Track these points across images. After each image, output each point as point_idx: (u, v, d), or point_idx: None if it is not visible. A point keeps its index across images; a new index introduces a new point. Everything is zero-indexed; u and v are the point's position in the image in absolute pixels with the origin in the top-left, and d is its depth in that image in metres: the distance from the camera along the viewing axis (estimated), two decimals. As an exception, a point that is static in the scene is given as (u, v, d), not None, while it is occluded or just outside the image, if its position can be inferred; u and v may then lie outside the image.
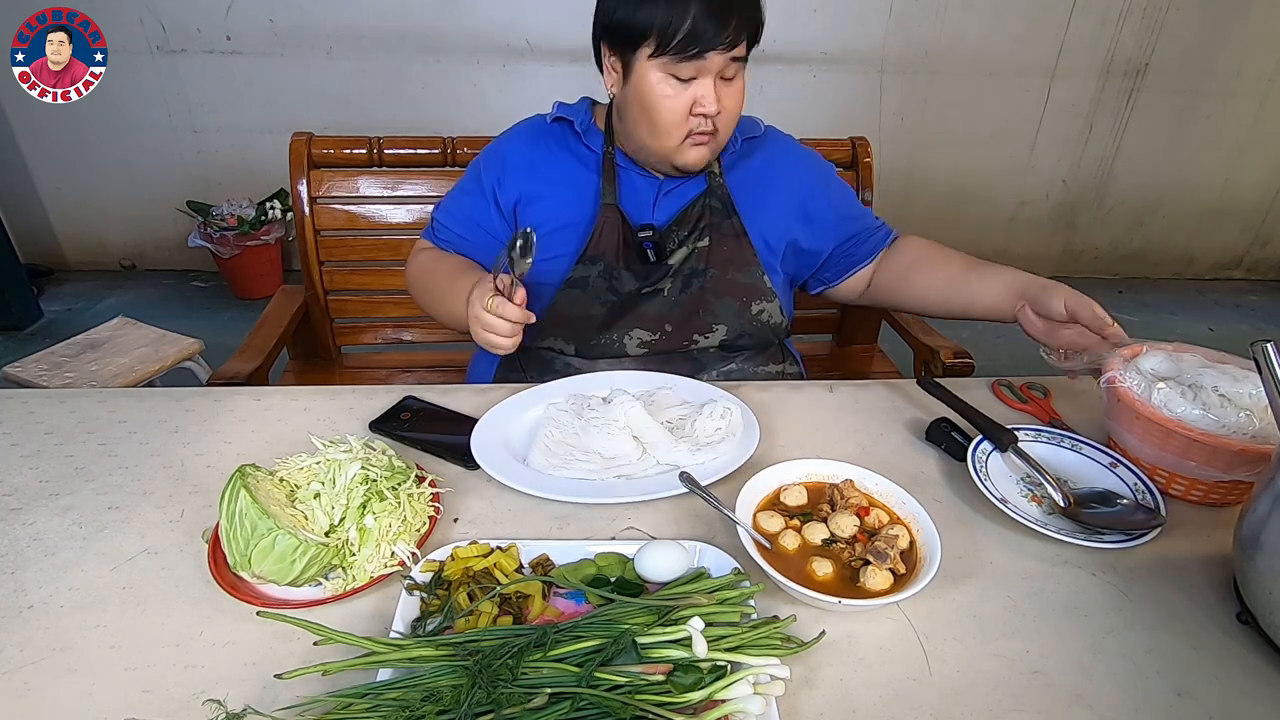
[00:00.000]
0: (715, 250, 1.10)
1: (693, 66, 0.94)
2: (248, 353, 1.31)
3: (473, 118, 3.06)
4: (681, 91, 0.96)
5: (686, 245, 1.09)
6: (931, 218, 3.43)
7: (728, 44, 0.92)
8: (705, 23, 0.90)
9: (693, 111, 0.97)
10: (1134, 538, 0.75)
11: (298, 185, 1.47)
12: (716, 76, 0.96)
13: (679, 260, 1.09)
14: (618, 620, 0.60)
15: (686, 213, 1.09)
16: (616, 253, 1.08)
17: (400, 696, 0.55)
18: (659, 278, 1.09)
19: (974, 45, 3.10)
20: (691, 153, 1.02)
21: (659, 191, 1.11)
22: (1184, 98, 3.27)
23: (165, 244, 3.27)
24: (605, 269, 1.08)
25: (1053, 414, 1.00)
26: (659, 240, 1.07)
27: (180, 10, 2.81)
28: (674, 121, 0.98)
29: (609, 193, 1.08)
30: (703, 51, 0.92)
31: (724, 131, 1.02)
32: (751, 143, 1.16)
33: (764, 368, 1.18)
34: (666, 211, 1.10)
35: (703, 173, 1.09)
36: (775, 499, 0.79)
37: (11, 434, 0.90)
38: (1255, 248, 3.72)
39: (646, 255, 1.07)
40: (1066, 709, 0.60)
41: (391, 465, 0.76)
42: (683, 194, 1.11)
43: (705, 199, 1.10)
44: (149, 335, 2.09)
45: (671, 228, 1.09)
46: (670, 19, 0.91)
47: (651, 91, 0.97)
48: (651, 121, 1.00)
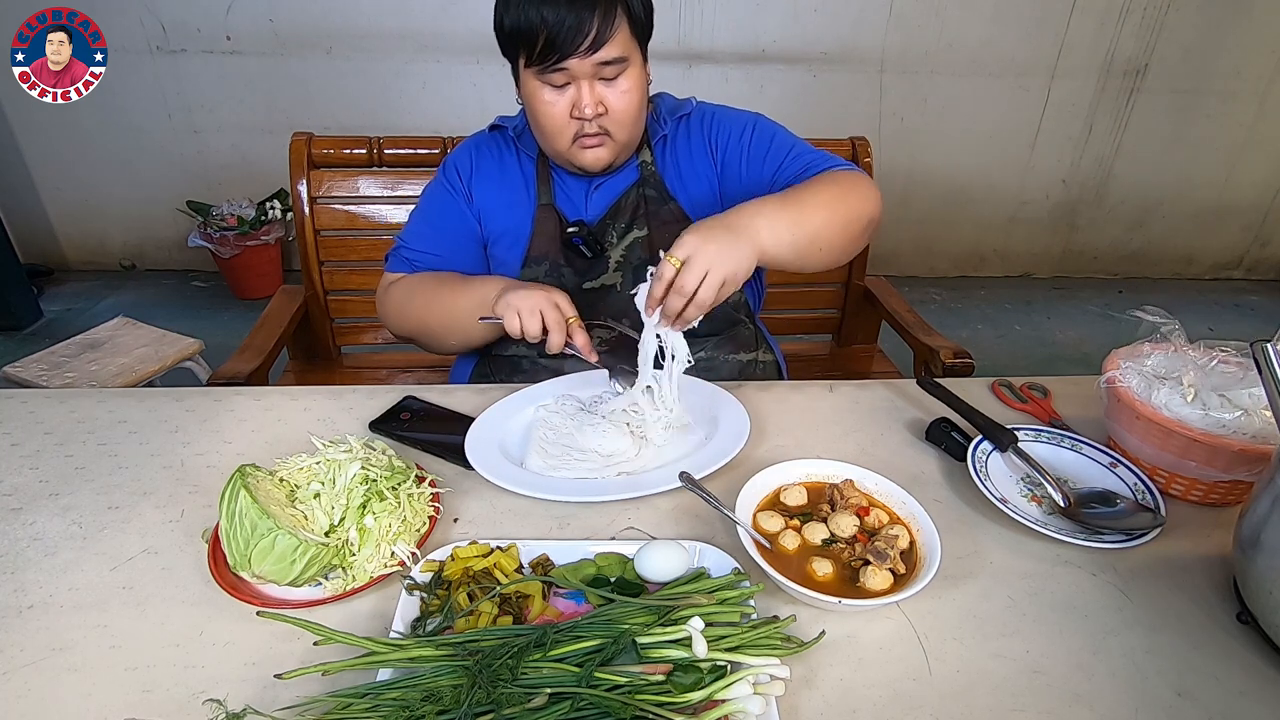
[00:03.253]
0: (657, 238, 1.09)
1: (561, 75, 0.94)
2: (248, 353, 1.31)
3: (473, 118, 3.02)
4: (558, 98, 0.97)
5: (624, 238, 1.09)
6: (931, 218, 3.43)
7: (588, 49, 0.92)
8: (560, 32, 0.90)
9: (571, 115, 0.98)
10: (1134, 538, 0.75)
11: (298, 185, 1.47)
12: (592, 79, 0.95)
13: (621, 253, 1.09)
14: (618, 620, 0.60)
15: (620, 204, 1.10)
16: (557, 251, 1.09)
17: (400, 696, 0.55)
18: (599, 272, 1.10)
19: (974, 45, 3.10)
20: (585, 155, 1.02)
21: (590, 187, 1.11)
22: (1184, 98, 3.27)
23: (165, 244, 3.28)
24: (550, 268, 1.09)
25: (1053, 414, 1.00)
26: (590, 235, 1.07)
27: (180, 10, 2.81)
28: (556, 127, 0.99)
29: (544, 193, 1.10)
30: (562, 59, 0.92)
31: (620, 130, 1.01)
32: (681, 122, 1.13)
33: (735, 355, 1.18)
34: (599, 205, 1.11)
35: (609, 170, 1.08)
36: (775, 499, 0.79)
37: (11, 434, 0.90)
38: (1255, 248, 3.72)
39: (581, 251, 1.08)
40: (1066, 709, 0.60)
41: (391, 465, 0.76)
42: (613, 187, 1.11)
43: (639, 189, 1.10)
44: (149, 335, 2.09)
45: (605, 221, 1.10)
46: (527, 31, 0.91)
47: (532, 99, 0.98)
48: (539, 127, 1.01)
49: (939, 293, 3.46)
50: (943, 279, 3.60)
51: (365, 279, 1.57)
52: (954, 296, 3.44)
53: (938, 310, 3.32)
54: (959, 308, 3.36)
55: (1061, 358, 2.99)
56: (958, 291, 3.48)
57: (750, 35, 3.02)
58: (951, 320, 3.23)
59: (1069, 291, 3.56)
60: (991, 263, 3.64)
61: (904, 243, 3.46)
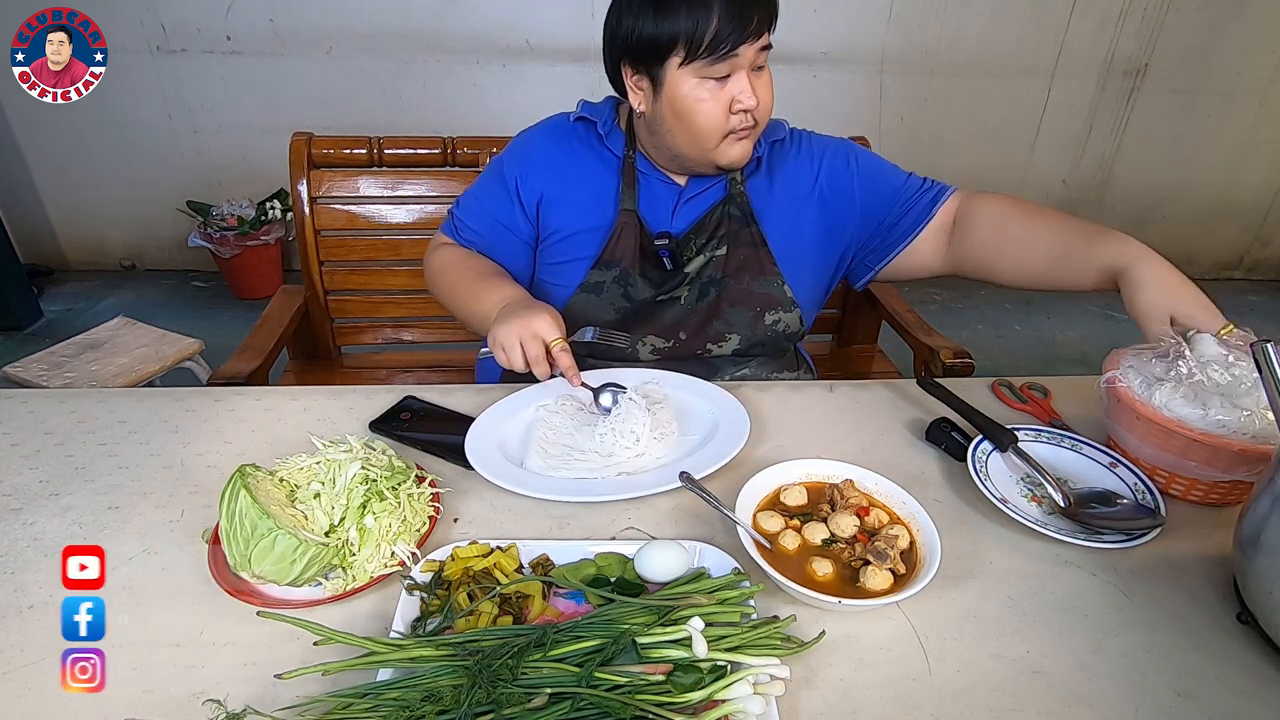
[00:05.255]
0: (732, 259, 1.08)
1: (726, 65, 0.93)
2: (248, 353, 1.31)
3: (473, 118, 3.06)
4: (718, 93, 0.95)
5: (704, 254, 1.08)
6: (931, 218, 3.42)
7: (755, 33, 0.92)
8: (730, 19, 0.89)
9: (732, 109, 0.96)
10: (1134, 538, 0.75)
11: (298, 185, 1.47)
12: (749, 69, 0.95)
13: (696, 269, 1.08)
14: (618, 620, 0.60)
15: (705, 220, 1.08)
16: (633, 259, 1.07)
17: (400, 696, 0.55)
18: (674, 285, 1.08)
19: (974, 45, 3.10)
20: (735, 149, 1.00)
21: (679, 199, 1.09)
22: (1184, 98, 3.27)
23: (165, 244, 3.28)
24: (621, 275, 1.07)
25: (1053, 414, 1.00)
26: (675, 248, 1.06)
27: (180, 10, 2.81)
28: (715, 125, 0.97)
29: (629, 198, 1.07)
30: (734, 48, 0.91)
31: (763, 122, 1.01)
32: (775, 147, 1.13)
33: (777, 375, 1.17)
34: (685, 219, 1.09)
35: (725, 175, 1.07)
36: (775, 499, 0.79)
37: (11, 434, 0.89)
38: (1255, 248, 3.72)
39: (663, 263, 1.06)
40: (1066, 709, 0.60)
41: (391, 465, 0.76)
42: (702, 202, 1.09)
43: (724, 206, 1.08)
44: (149, 335, 2.09)
45: (689, 236, 1.08)
46: (696, 24, 0.90)
47: (688, 99, 0.96)
48: (691, 129, 0.98)
49: (939, 293, 3.46)
50: (943, 279, 3.59)
51: (365, 279, 1.57)
52: (954, 296, 3.44)
53: (938, 310, 3.32)
54: (959, 308, 3.36)
55: (1061, 358, 2.99)
56: (958, 291, 3.48)
57: (750, 35, 3.02)
58: (951, 320, 3.23)
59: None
60: (991, 263, 3.63)
61: (904, 243, 3.45)
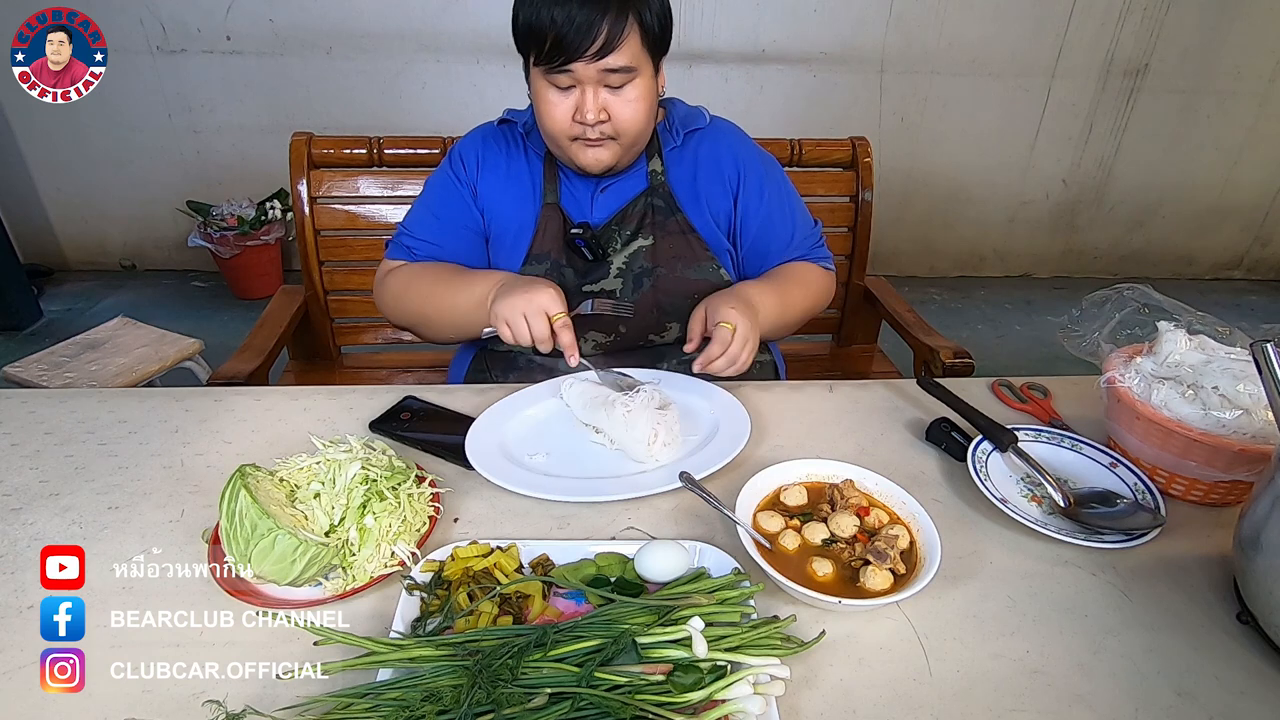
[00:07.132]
0: (661, 248, 1.10)
1: (566, 77, 0.95)
2: (248, 353, 1.31)
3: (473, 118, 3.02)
4: (562, 99, 0.97)
5: (629, 245, 1.09)
6: (931, 218, 3.43)
7: (595, 55, 0.92)
8: (568, 34, 0.91)
9: (574, 119, 0.98)
10: (1134, 538, 0.75)
11: (298, 185, 1.47)
12: (597, 85, 0.96)
13: (624, 260, 1.09)
14: (618, 620, 0.60)
15: (627, 211, 1.10)
16: (559, 251, 1.09)
17: (400, 696, 0.55)
18: (600, 276, 1.10)
19: (974, 45, 3.10)
20: (586, 154, 1.02)
21: (595, 189, 1.11)
22: (1184, 98, 3.27)
23: (165, 244, 3.27)
24: (552, 266, 1.09)
25: (1053, 414, 1.00)
26: (593, 238, 1.07)
27: (180, 10, 2.81)
28: (558, 128, 0.99)
29: (550, 192, 1.10)
30: (567, 62, 0.92)
31: (626, 136, 1.01)
32: (694, 135, 1.13)
33: None
34: (605, 210, 1.11)
35: (611, 172, 1.08)
36: (775, 499, 0.79)
37: (11, 434, 0.90)
38: (1255, 248, 3.72)
39: (583, 253, 1.08)
40: (1066, 709, 0.60)
41: (391, 465, 0.76)
42: (620, 192, 1.11)
43: (647, 197, 1.10)
44: (149, 335, 2.09)
45: (611, 226, 1.10)
46: (537, 29, 0.92)
47: (538, 98, 0.99)
48: (543, 126, 1.02)
49: (939, 293, 3.46)
50: (943, 279, 3.60)
51: (365, 279, 1.56)
52: (954, 296, 3.44)
53: (938, 310, 3.32)
54: (959, 308, 3.36)
55: (1061, 358, 2.97)
56: (958, 291, 3.48)
57: (750, 35, 3.01)
58: (951, 320, 3.23)
59: (1069, 291, 3.56)
60: (991, 263, 3.64)
61: (904, 243, 3.46)
